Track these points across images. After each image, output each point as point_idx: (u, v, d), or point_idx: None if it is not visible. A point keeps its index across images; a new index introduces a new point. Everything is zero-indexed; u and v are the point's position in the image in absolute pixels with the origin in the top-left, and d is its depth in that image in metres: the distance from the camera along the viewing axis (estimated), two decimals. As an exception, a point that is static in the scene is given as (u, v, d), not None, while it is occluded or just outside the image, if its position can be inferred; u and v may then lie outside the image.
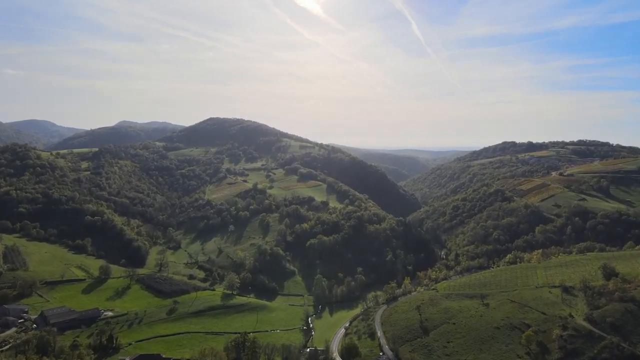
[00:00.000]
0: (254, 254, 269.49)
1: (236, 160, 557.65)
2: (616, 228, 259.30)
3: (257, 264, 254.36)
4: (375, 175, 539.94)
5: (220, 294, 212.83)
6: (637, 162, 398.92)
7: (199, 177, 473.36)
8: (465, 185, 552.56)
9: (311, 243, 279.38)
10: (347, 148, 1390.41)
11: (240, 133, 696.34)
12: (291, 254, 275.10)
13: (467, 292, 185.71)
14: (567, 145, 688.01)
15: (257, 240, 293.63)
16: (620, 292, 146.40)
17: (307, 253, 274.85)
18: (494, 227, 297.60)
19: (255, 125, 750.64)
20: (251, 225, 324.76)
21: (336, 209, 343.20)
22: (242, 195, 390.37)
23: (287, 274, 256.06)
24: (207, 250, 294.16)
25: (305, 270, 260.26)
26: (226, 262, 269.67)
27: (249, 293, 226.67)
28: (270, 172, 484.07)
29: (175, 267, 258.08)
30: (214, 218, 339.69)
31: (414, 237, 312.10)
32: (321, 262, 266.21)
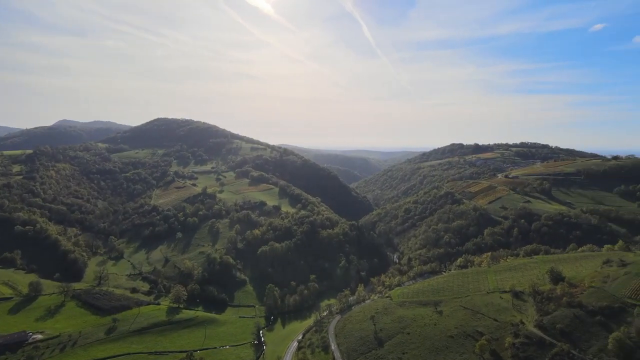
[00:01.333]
0: (203, 263, 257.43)
1: (185, 163, 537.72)
2: (559, 230, 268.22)
3: (206, 274, 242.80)
4: (328, 177, 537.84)
5: (165, 309, 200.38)
6: (576, 164, 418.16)
7: (145, 181, 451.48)
8: (416, 187, 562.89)
9: (263, 250, 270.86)
10: (301, 149, 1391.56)
11: (189, 134, 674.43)
12: (242, 262, 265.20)
13: (420, 299, 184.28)
14: (510, 147, 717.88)
15: (206, 248, 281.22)
16: (568, 297, 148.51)
17: (259, 261, 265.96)
18: (445, 230, 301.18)
19: (206, 126, 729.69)
20: (200, 232, 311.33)
21: (288, 214, 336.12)
22: (191, 200, 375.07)
23: (238, 283, 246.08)
24: (153, 259, 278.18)
25: (256, 279, 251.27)
26: (173, 272, 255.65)
27: (197, 306, 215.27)
28: (221, 176, 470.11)
29: (116, 280, 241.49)
30: (160, 225, 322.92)
31: (367, 242, 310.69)
32: (273, 270, 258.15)
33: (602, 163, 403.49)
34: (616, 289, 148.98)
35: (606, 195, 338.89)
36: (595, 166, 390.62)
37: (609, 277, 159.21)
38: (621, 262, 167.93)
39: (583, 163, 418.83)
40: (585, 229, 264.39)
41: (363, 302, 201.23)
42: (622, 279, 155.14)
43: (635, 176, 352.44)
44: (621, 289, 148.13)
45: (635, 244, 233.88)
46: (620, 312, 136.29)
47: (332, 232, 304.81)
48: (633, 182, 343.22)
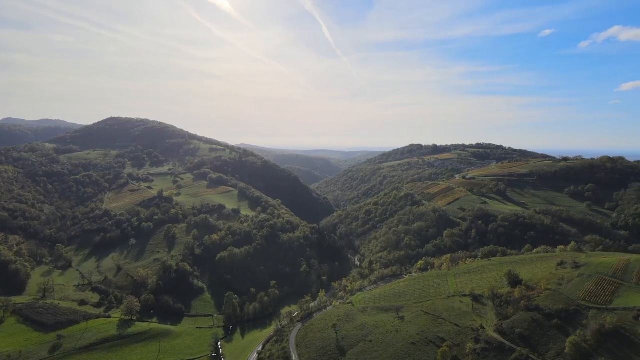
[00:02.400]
0: (158, 271, 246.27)
1: (140, 165, 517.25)
2: (514, 230, 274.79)
3: (161, 283, 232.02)
4: (289, 179, 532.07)
5: (116, 322, 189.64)
6: (529, 165, 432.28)
7: (97, 184, 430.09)
8: (376, 188, 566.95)
9: (222, 256, 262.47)
10: (262, 149, 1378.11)
11: (144, 134, 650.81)
12: (200, 269, 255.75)
13: (382, 305, 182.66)
14: (467, 148, 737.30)
15: (162, 255, 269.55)
16: (526, 301, 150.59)
17: (218, 267, 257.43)
18: (406, 232, 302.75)
19: (162, 126, 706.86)
20: (155, 237, 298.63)
21: (248, 217, 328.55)
22: (146, 203, 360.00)
23: (195, 291, 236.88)
24: (104, 268, 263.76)
25: (215, 287, 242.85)
26: (125, 281, 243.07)
27: (151, 317, 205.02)
28: (178, 178, 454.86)
29: (63, 292, 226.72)
30: (112, 231, 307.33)
31: (328, 245, 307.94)
32: (232, 276, 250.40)
33: (553, 164, 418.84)
34: (571, 291, 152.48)
35: (557, 196, 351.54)
36: (546, 167, 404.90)
37: (564, 279, 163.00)
38: (574, 264, 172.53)
39: (535, 164, 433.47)
40: (539, 230, 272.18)
41: (325, 308, 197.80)
42: (576, 281, 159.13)
43: (583, 177, 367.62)
44: (575, 291, 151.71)
45: (585, 244, 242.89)
46: (575, 315, 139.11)
47: (293, 236, 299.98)
48: (582, 182, 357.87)
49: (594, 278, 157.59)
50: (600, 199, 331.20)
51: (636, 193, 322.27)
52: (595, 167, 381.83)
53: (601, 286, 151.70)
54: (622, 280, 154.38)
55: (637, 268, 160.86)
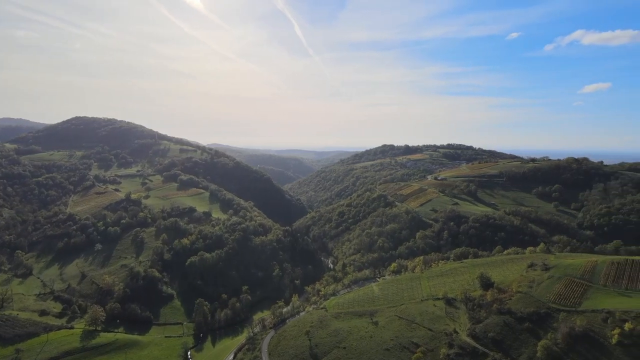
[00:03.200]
0: (125, 277, 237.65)
1: (107, 166, 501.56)
2: (485, 231, 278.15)
3: (128, 290, 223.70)
4: (261, 180, 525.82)
5: (80, 333, 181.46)
6: (498, 166, 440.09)
7: (60, 186, 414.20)
8: (349, 189, 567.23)
9: (192, 261, 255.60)
10: (234, 149, 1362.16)
11: (112, 135, 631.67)
12: (169, 275, 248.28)
13: (356, 310, 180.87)
14: (438, 149, 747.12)
15: (129, 261, 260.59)
16: (498, 304, 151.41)
17: (188, 273, 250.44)
18: (379, 234, 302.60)
19: (130, 126, 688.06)
20: (122, 242, 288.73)
21: (220, 221, 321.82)
22: (113, 207, 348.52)
23: (164, 298, 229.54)
24: (67, 276, 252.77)
25: (185, 293, 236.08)
26: (90, 289, 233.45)
27: (117, 327, 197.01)
28: (147, 179, 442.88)
29: (22, 302, 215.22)
30: (77, 236, 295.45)
31: (301, 248, 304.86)
32: (203, 282, 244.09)
33: (521, 165, 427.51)
34: (541, 294, 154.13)
35: (526, 196, 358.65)
36: (515, 168, 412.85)
37: (534, 281, 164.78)
38: (544, 266, 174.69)
39: (504, 165, 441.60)
40: (508, 231, 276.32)
41: (298, 314, 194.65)
42: (546, 283, 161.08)
43: (550, 178, 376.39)
44: (546, 294, 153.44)
45: (553, 244, 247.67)
46: (546, 318, 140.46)
47: (266, 239, 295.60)
48: (549, 183, 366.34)
49: (563, 280, 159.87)
50: (567, 200, 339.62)
51: (600, 194, 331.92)
52: (562, 168, 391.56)
53: (570, 288, 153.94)
54: (590, 282, 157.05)
55: (604, 269, 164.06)
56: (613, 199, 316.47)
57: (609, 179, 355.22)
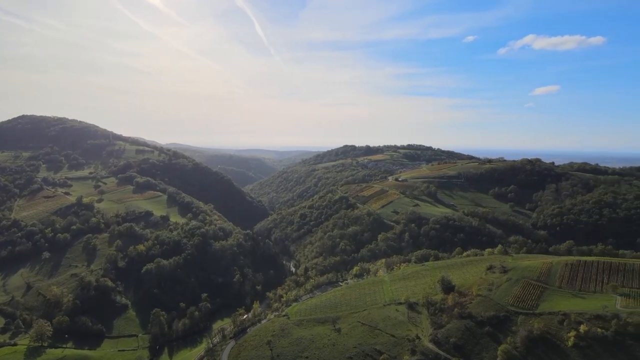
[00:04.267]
0: (75, 288, 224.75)
1: (56, 168, 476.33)
2: (445, 233, 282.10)
3: (78, 302, 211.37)
4: (221, 182, 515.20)
5: (24, 350, 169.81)
6: (457, 167, 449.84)
7: (5, 190, 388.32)
8: (311, 190, 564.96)
9: (148, 268, 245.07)
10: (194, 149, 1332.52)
11: (62, 135, 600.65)
12: (123, 284, 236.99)
13: (318, 317, 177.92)
14: (399, 149, 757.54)
15: (80, 270, 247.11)
16: (459, 308, 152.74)
17: (144, 281, 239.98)
18: (341, 237, 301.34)
19: (83, 125, 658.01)
20: (73, 250, 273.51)
21: (178, 225, 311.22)
22: (63, 211, 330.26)
23: (118, 309, 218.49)
24: (10, 287, 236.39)
25: (140, 303, 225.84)
26: (36, 302, 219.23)
27: (66, 342, 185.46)
28: (100, 182, 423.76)
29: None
30: (22, 243, 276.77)
31: (262, 253, 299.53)
32: (160, 291, 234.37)
33: (478, 166, 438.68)
34: (500, 297, 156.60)
35: (483, 197, 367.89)
36: (473, 169, 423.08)
37: (493, 284, 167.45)
38: (502, 269, 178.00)
39: (463, 166, 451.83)
40: (467, 232, 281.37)
41: (259, 322, 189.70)
42: (505, 286, 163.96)
43: (506, 179, 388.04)
44: (504, 297, 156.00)
45: (510, 245, 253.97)
46: (505, 321, 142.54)
47: (226, 244, 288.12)
48: (505, 184, 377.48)
49: (520, 282, 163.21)
50: (522, 200, 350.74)
51: (552, 194, 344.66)
52: (516, 169, 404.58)
53: (528, 290, 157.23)
54: (546, 284, 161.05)
55: (558, 271, 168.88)
56: (564, 199, 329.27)
57: (560, 179, 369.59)
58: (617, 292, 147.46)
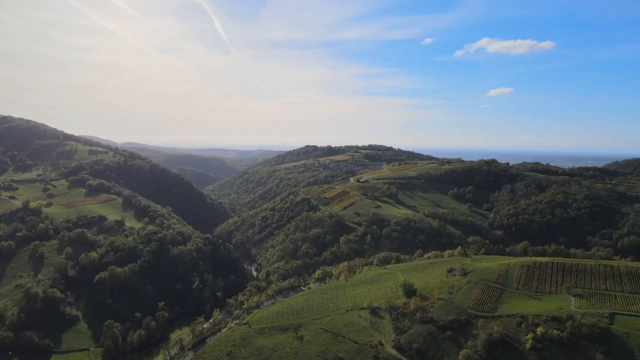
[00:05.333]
0: (20, 300, 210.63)
1: (1, 170, 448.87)
2: (406, 234, 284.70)
3: (23, 315, 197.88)
4: (180, 184, 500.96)
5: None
6: (417, 168, 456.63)
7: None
8: (272, 191, 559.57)
9: (101, 277, 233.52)
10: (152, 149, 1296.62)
11: (7, 134, 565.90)
12: (74, 294, 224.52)
13: (280, 324, 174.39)
14: (360, 150, 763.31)
15: (26, 280, 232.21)
16: (421, 312, 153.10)
17: (96, 290, 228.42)
18: (303, 240, 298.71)
19: (30, 124, 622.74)
20: (18, 259, 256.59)
21: (134, 230, 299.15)
22: (7, 217, 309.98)
23: (68, 322, 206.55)
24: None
25: (93, 314, 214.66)
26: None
27: (10, 359, 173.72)
28: (50, 185, 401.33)
29: None
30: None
31: (222, 257, 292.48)
32: (114, 300, 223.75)
33: (438, 167, 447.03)
34: (461, 300, 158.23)
35: (443, 198, 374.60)
36: (433, 170, 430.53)
37: (454, 287, 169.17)
38: (462, 271, 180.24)
39: (423, 167, 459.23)
40: (428, 233, 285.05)
41: (219, 331, 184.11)
42: (465, 288, 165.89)
43: (464, 179, 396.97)
44: (465, 300, 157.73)
45: (469, 245, 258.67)
46: (466, 325, 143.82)
47: (185, 249, 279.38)
48: (463, 184, 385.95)
49: (480, 285, 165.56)
50: (479, 200, 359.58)
51: (508, 194, 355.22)
52: (474, 170, 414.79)
53: (487, 293, 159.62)
54: (504, 286, 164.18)
55: (516, 272, 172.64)
56: (519, 199, 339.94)
57: (515, 180, 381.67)
58: (571, 293, 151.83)
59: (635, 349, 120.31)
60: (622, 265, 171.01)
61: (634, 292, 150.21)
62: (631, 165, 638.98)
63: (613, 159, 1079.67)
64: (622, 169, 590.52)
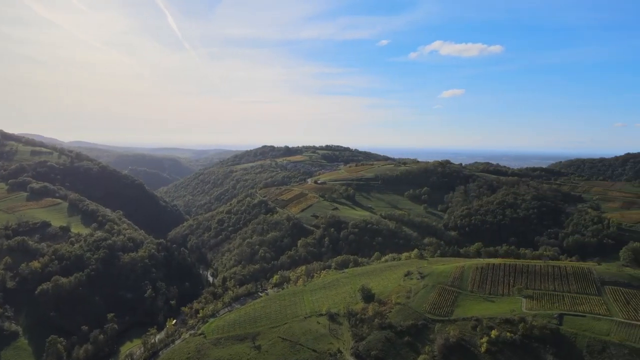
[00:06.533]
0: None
1: None
2: (364, 237, 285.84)
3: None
4: (132, 186, 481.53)
5: None
6: (374, 169, 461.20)
7: None
8: (229, 192, 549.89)
9: (44, 288, 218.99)
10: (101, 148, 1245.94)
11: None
12: (13, 308, 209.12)
13: (237, 333, 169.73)
14: (317, 150, 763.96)
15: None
16: (379, 318, 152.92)
17: (38, 303, 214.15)
18: (260, 244, 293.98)
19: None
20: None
21: (81, 237, 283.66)
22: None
23: (6, 338, 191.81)
24: None
25: (34, 329, 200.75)
26: None
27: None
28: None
29: None
30: None
31: (177, 263, 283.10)
32: (58, 313, 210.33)
33: (394, 168, 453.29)
34: (418, 304, 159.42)
35: (399, 199, 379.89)
36: (389, 171, 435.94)
37: (411, 291, 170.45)
38: (420, 275, 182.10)
39: (379, 168, 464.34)
40: (385, 235, 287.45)
41: (173, 342, 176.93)
42: (422, 292, 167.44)
43: (420, 181, 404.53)
44: (422, 304, 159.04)
45: (425, 247, 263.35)
46: (423, 330, 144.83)
47: (136, 256, 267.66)
48: (418, 186, 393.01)
49: (436, 288, 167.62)
50: (434, 201, 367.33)
51: (462, 195, 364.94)
52: (429, 171, 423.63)
53: (443, 296, 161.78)
54: (460, 289, 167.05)
55: (470, 275, 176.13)
56: (472, 200, 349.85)
57: (468, 181, 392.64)
58: (522, 294, 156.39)
59: (584, 349, 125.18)
60: (568, 265, 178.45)
61: (580, 292, 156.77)
62: (573, 165, 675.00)
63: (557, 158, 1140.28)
64: (565, 169, 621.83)
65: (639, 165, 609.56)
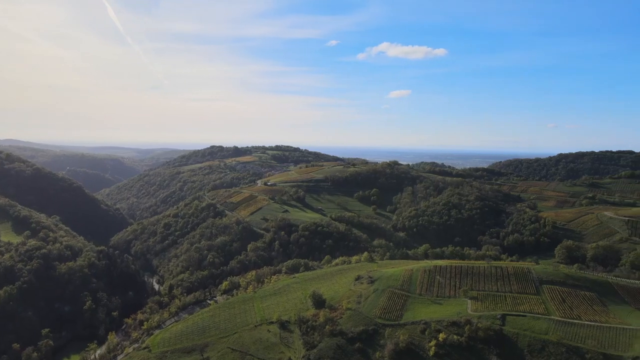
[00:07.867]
0: None
1: None
2: (314, 240, 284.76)
3: None
4: (70, 189, 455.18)
5: None
6: (323, 171, 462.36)
7: None
8: (176, 194, 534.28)
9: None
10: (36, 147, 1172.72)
11: None
12: None
13: (184, 346, 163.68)
14: (267, 151, 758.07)
15: None
16: (330, 325, 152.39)
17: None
18: (209, 249, 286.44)
19: None
20: None
21: (11, 246, 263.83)
22: None
23: None
24: None
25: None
26: None
27: None
28: None
29: None
30: None
31: (120, 271, 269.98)
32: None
33: (344, 169, 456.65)
34: (369, 309, 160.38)
35: (349, 200, 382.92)
36: (339, 173, 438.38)
37: (362, 296, 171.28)
38: (370, 279, 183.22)
39: (329, 169, 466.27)
40: (335, 237, 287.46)
41: (115, 358, 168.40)
42: (372, 297, 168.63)
43: (369, 182, 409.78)
44: (372, 309, 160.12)
45: (374, 249, 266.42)
46: (374, 335, 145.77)
47: (75, 265, 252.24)
48: (367, 187, 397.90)
49: (386, 292, 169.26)
50: (383, 203, 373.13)
51: (409, 196, 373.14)
52: (378, 172, 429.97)
53: (393, 300, 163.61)
54: (409, 292, 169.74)
55: (418, 278, 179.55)
56: (419, 201, 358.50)
57: (415, 182, 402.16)
58: (467, 296, 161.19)
59: (525, 348, 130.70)
60: (510, 266, 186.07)
61: (520, 292, 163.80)
62: (512, 165, 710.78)
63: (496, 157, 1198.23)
64: (504, 169, 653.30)
65: (571, 165, 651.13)
